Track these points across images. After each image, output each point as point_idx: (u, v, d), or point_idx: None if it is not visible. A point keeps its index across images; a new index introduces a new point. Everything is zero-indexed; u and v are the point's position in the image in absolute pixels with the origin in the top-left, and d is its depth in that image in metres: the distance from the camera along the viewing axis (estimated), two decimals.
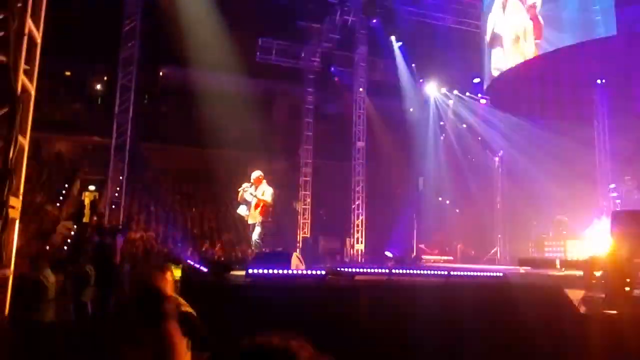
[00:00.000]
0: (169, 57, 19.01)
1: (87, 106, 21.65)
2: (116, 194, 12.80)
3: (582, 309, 5.41)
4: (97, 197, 18.11)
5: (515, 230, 17.18)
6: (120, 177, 12.76)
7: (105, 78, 21.55)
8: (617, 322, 5.12)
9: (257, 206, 8.15)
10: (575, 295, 5.62)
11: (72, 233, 14.78)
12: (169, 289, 3.45)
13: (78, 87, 21.89)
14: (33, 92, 4.28)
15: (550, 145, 17.99)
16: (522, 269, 10.04)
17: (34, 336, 5.35)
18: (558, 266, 8.80)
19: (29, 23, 4.08)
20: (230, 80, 18.85)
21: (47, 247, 11.10)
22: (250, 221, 8.31)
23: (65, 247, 12.60)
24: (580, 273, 7.68)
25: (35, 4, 4.24)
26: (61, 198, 17.46)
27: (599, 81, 15.09)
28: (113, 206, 12.74)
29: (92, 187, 18.84)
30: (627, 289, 5.63)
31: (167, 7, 14.06)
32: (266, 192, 8.21)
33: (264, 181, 8.38)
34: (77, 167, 18.95)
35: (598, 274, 6.53)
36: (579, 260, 8.73)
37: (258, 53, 17.47)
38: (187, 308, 3.32)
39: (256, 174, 8.39)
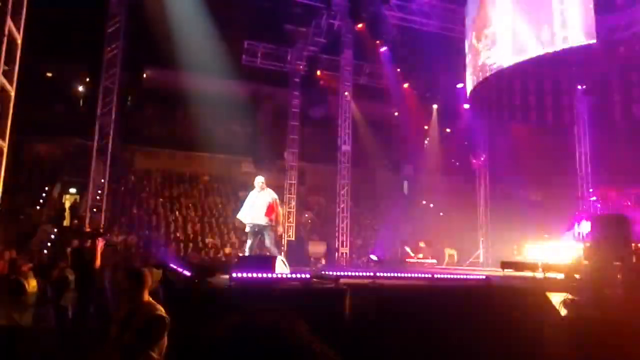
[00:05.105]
0: (153, 59, 18.83)
1: (69, 108, 21.31)
2: (97, 197, 12.61)
3: (563, 312, 5.48)
4: (77, 200, 17.84)
5: (498, 233, 17.40)
6: (102, 180, 12.58)
7: (88, 79, 21.26)
8: (598, 324, 5.19)
9: (269, 212, 7.97)
10: (557, 298, 5.69)
11: (53, 237, 14.55)
12: (145, 294, 3.44)
13: (60, 88, 21.54)
14: (13, 94, 4.21)
15: (531, 150, 18.26)
16: (505, 272, 10.15)
17: (12, 339, 5.24)
18: (540, 269, 8.90)
19: (9, 23, 4.02)
20: (215, 83, 18.74)
21: (27, 251, 10.90)
22: (257, 222, 8.01)
23: (46, 251, 12.37)
24: (561, 276, 7.80)
25: (16, 4, 4.18)
26: (41, 201, 17.15)
27: (579, 87, 15.41)
28: (94, 210, 12.53)
29: (73, 190, 18.54)
30: (607, 291, 5.73)
31: (152, 9, 13.93)
32: (277, 198, 8.21)
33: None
34: (58, 169, 18.64)
35: (578, 276, 6.65)
36: (561, 264, 8.85)
37: (244, 56, 17.42)
38: (160, 312, 3.30)
39: (261, 179, 8.28)
